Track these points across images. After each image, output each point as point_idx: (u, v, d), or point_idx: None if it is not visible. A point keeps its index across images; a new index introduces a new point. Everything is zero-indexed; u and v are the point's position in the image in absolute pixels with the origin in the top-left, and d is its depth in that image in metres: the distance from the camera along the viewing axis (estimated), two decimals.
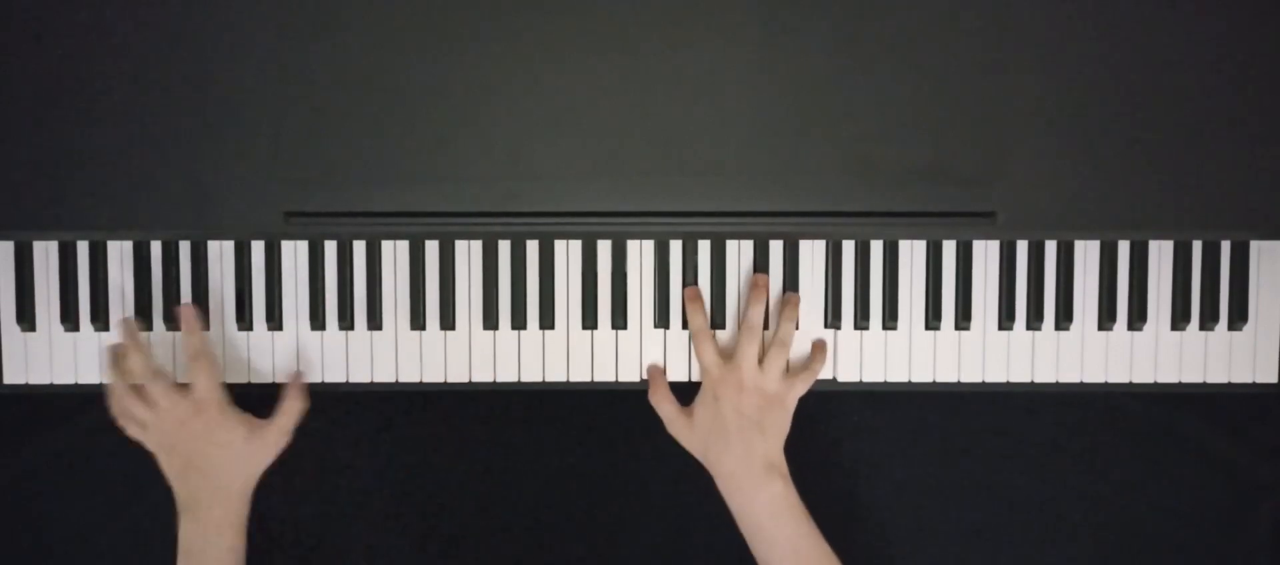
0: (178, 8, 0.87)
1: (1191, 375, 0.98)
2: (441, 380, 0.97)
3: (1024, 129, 0.88)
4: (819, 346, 0.97)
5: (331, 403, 0.98)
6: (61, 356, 0.97)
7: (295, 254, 0.97)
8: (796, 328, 0.96)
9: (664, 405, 0.96)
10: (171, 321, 0.96)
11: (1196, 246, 0.97)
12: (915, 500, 1.05)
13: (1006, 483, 1.05)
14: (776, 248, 0.97)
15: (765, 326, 0.95)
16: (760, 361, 0.93)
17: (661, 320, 0.97)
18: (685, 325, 0.97)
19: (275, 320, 0.97)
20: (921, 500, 1.05)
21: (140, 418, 0.92)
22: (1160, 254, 0.97)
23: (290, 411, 0.94)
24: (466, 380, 0.98)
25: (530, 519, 1.05)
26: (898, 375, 0.98)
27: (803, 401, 0.94)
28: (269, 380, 0.97)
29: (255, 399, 1.04)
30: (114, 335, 0.96)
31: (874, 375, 0.98)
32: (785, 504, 0.90)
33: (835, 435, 1.05)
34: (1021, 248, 0.97)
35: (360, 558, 1.04)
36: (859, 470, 1.05)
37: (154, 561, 1.04)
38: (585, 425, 1.05)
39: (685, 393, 0.96)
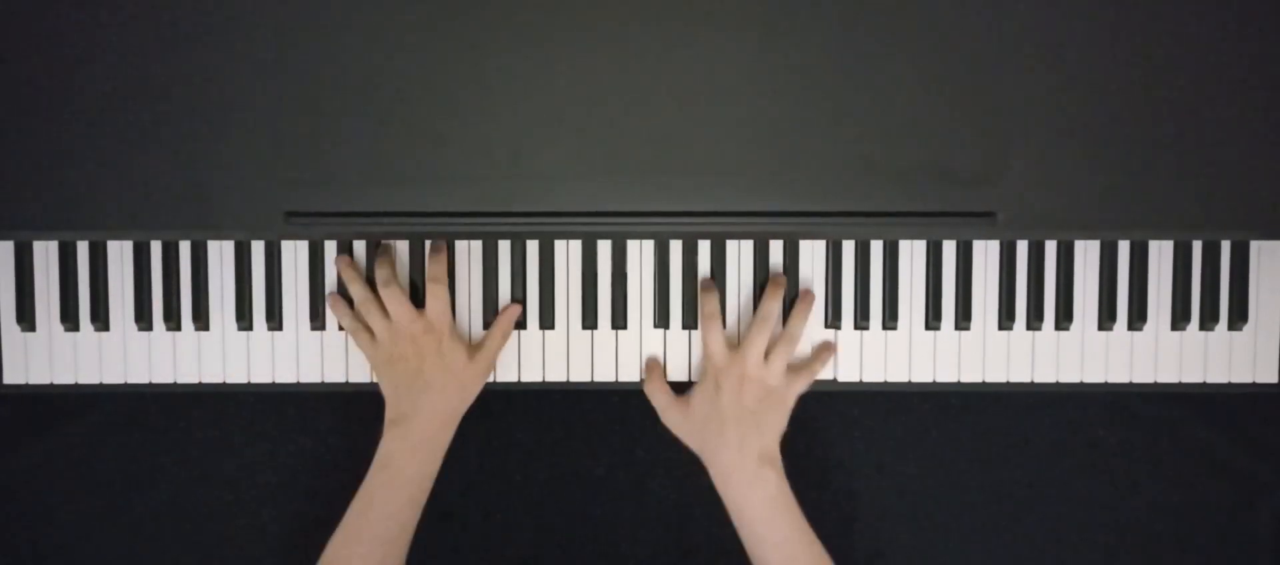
0: (178, 8, 0.87)
1: (1191, 375, 0.98)
2: None
3: (1024, 129, 0.88)
4: (824, 346, 0.97)
5: (333, 402, 0.98)
6: (61, 356, 0.97)
7: (295, 254, 0.97)
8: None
9: (659, 395, 0.96)
10: (172, 321, 0.96)
11: (1196, 246, 0.97)
12: (915, 500, 1.05)
13: (1006, 483, 1.05)
14: (776, 248, 0.97)
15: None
16: (766, 356, 0.93)
17: (661, 320, 0.97)
18: (685, 325, 0.97)
19: (275, 320, 0.97)
20: (922, 500, 1.05)
21: (376, 326, 0.93)
22: (1160, 254, 0.97)
23: (495, 343, 0.95)
24: None
25: (530, 519, 1.05)
26: (898, 375, 0.98)
27: (802, 403, 0.94)
28: (268, 380, 0.97)
29: (255, 399, 1.04)
30: (113, 335, 0.96)
31: (874, 375, 0.98)
32: (780, 499, 0.90)
33: (835, 435, 1.05)
34: (1021, 248, 0.97)
35: None
36: (859, 470, 1.05)
37: (154, 561, 1.04)
38: (585, 425, 1.05)
39: (682, 392, 0.96)
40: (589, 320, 0.97)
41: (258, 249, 0.97)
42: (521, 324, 0.97)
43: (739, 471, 0.90)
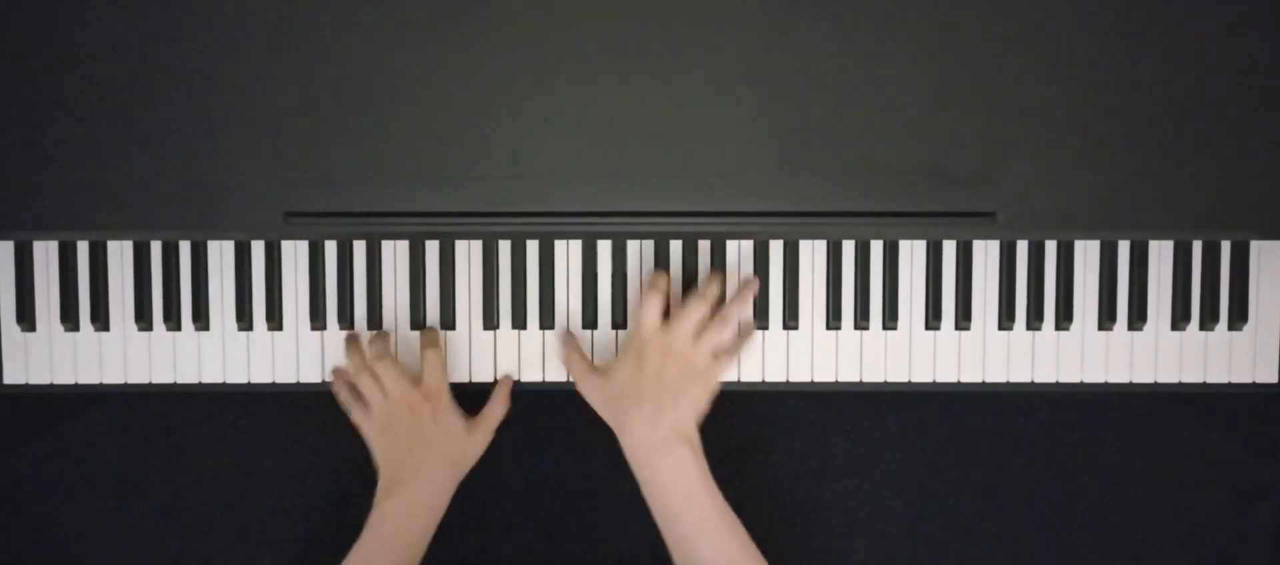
0: (178, 8, 0.87)
1: (1191, 375, 0.98)
2: None
3: (1024, 128, 0.88)
4: (747, 328, 0.96)
5: (332, 402, 0.97)
6: (61, 356, 0.97)
7: (295, 254, 0.97)
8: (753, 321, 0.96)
9: (576, 364, 0.95)
10: (172, 321, 0.96)
11: (1196, 246, 0.97)
12: (915, 500, 1.05)
13: (1006, 482, 1.05)
14: (776, 248, 0.97)
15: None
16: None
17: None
18: None
19: (275, 320, 0.97)
20: (921, 500, 1.05)
21: (371, 393, 0.93)
22: (1160, 254, 0.97)
23: (495, 412, 0.96)
24: (466, 380, 0.98)
25: (529, 519, 1.05)
26: (898, 375, 0.98)
27: (802, 403, 0.94)
28: (268, 380, 0.97)
29: (255, 399, 1.04)
30: (113, 335, 0.96)
31: (874, 375, 0.98)
32: (693, 473, 0.88)
33: (835, 435, 1.05)
34: (1021, 248, 0.97)
35: None
36: (859, 470, 1.05)
37: (154, 561, 1.04)
38: (585, 425, 1.05)
39: None
40: (589, 320, 0.97)
41: (258, 249, 0.97)
42: (522, 324, 0.97)
43: (651, 444, 0.88)
